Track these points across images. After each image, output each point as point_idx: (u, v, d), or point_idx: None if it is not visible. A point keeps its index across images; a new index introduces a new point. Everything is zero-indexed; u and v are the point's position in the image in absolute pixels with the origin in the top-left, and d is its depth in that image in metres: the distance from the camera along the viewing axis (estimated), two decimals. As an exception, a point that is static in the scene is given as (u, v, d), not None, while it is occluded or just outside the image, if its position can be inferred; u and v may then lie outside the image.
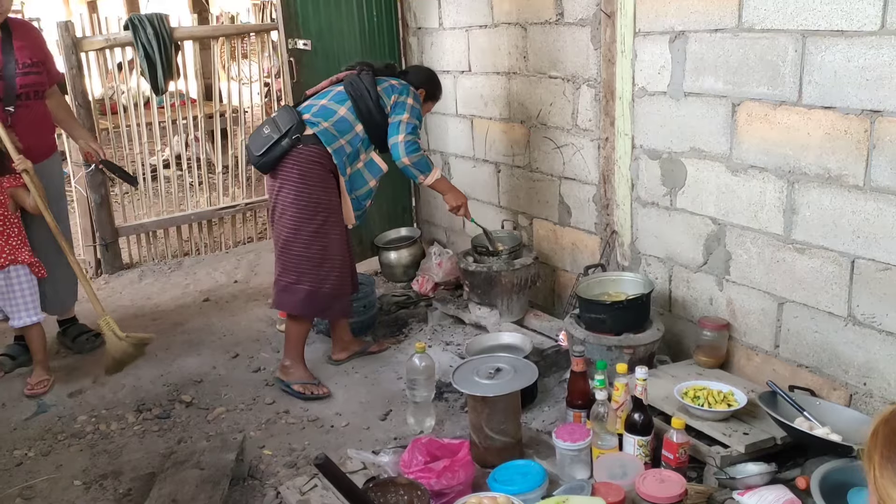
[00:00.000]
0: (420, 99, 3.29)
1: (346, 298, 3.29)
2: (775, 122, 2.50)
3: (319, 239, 3.10)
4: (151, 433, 2.97)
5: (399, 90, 3.20)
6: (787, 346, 2.63)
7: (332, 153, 3.08)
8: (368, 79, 3.18)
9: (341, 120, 3.11)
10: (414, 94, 3.24)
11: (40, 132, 3.33)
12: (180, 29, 4.75)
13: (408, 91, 3.22)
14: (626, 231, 3.19)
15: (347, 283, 3.27)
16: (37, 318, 3.27)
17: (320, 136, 3.06)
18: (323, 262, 3.13)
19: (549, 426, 2.78)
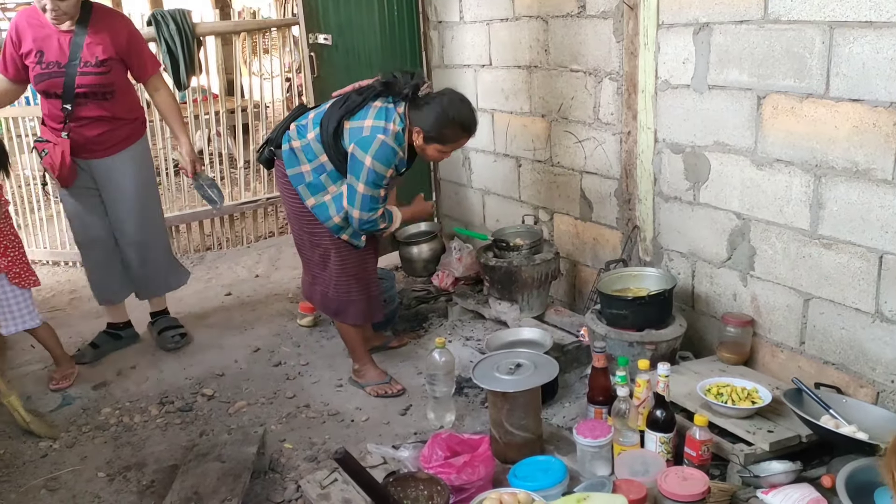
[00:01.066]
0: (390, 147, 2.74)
1: (358, 305, 3.08)
2: (802, 115, 2.46)
3: (317, 247, 3.02)
4: (174, 426, 3.00)
5: (361, 141, 2.73)
6: (813, 342, 2.59)
7: (290, 177, 2.89)
8: (348, 104, 2.80)
9: (307, 145, 2.86)
10: (381, 149, 2.72)
11: (106, 128, 3.24)
12: (202, 24, 4.77)
13: (369, 144, 2.71)
14: (649, 226, 3.15)
15: (356, 291, 3.06)
16: (26, 326, 3.18)
17: (284, 155, 2.90)
18: (324, 266, 3.06)
19: (570, 422, 2.76)
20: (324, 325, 3.83)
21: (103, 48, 3.10)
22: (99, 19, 3.12)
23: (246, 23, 5.14)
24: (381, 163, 2.74)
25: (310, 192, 2.89)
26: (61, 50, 3.07)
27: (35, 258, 4.79)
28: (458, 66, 4.17)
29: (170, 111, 3.46)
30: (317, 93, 4.02)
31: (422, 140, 2.81)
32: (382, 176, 2.77)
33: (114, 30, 3.16)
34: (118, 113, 3.25)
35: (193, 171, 3.52)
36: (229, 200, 5.28)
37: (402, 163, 2.85)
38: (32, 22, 3.09)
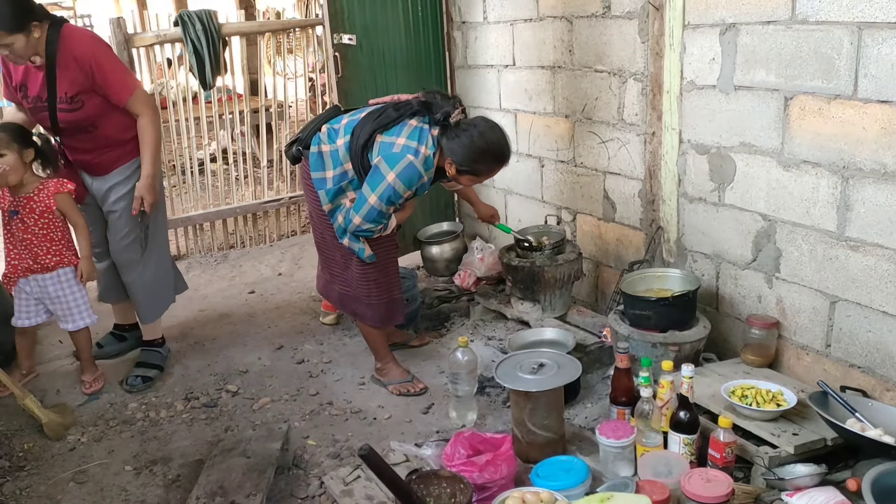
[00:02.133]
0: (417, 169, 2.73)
1: (382, 307, 3.09)
2: (829, 117, 2.44)
3: (340, 248, 3.01)
4: (199, 421, 3.03)
5: (390, 156, 2.72)
6: (839, 345, 2.57)
7: (314, 181, 2.92)
8: (382, 118, 2.80)
9: (335, 151, 2.87)
10: (408, 170, 2.70)
11: (95, 154, 3.13)
12: (228, 25, 4.82)
13: (397, 161, 2.70)
14: (673, 227, 3.14)
15: (376, 294, 3.06)
16: (90, 321, 3.23)
17: (310, 160, 2.93)
18: (346, 267, 3.06)
19: (592, 423, 2.76)
20: (346, 322, 3.86)
21: (70, 82, 2.93)
22: (65, 51, 2.90)
23: (271, 23, 5.18)
24: (404, 182, 2.72)
25: (328, 198, 2.90)
26: (39, 85, 2.96)
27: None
28: (482, 66, 4.18)
29: (146, 139, 3.11)
30: (341, 93, 4.05)
31: (454, 171, 2.79)
32: (399, 195, 2.75)
33: (78, 61, 2.92)
34: (106, 139, 3.10)
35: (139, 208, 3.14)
36: (252, 199, 5.33)
37: (424, 186, 2.84)
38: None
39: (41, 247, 3.07)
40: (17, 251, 3.09)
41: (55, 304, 3.16)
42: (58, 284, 3.13)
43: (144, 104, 3.10)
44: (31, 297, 3.16)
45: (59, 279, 3.13)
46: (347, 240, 2.94)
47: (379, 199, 2.74)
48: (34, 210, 3.03)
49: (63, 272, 3.13)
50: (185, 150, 5.03)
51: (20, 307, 3.17)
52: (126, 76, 3.09)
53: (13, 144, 2.96)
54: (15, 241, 3.09)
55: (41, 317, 3.21)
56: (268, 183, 5.41)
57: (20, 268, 3.10)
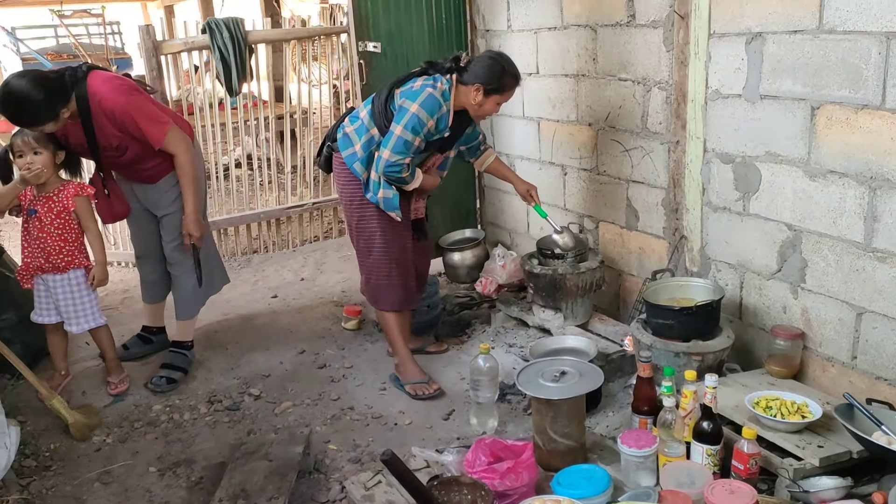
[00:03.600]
0: (437, 99, 2.92)
1: (397, 291, 3.23)
2: (857, 127, 2.42)
3: (360, 234, 3.21)
4: (222, 424, 3.06)
5: (410, 93, 2.93)
6: (866, 357, 2.54)
7: (345, 159, 3.10)
8: (398, 79, 3.06)
9: (360, 126, 3.07)
10: (429, 99, 2.90)
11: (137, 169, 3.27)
12: (254, 32, 4.87)
13: (418, 95, 2.91)
14: (696, 236, 3.13)
15: (396, 276, 3.21)
16: (96, 324, 3.26)
17: (339, 142, 3.13)
18: (369, 254, 3.23)
19: (614, 431, 2.75)
20: (368, 328, 3.88)
21: (108, 136, 3.08)
22: (97, 109, 3.01)
23: (296, 31, 5.24)
24: (426, 110, 2.89)
25: (364, 167, 3.07)
26: (81, 136, 3.08)
27: (89, 258, 4.94)
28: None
29: (183, 177, 3.22)
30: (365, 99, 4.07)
31: (482, 95, 2.95)
32: (423, 123, 2.90)
33: (110, 118, 3.02)
34: (154, 166, 3.25)
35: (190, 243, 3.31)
36: (276, 204, 5.38)
37: (444, 121, 2.97)
38: None
39: (55, 247, 3.10)
40: (31, 249, 3.12)
41: (62, 305, 3.19)
42: (67, 286, 3.16)
43: (178, 143, 3.16)
44: (47, 295, 3.19)
45: (68, 281, 3.16)
46: (382, 191, 3.03)
47: (404, 129, 2.90)
48: (52, 210, 3.07)
49: (74, 274, 3.16)
50: (211, 156, 5.09)
51: (39, 304, 3.21)
52: (157, 122, 3.11)
53: (49, 145, 3.03)
54: (30, 240, 3.12)
55: (55, 316, 3.22)
56: (291, 188, 5.46)
57: (32, 266, 3.13)
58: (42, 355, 3.51)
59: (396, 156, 2.92)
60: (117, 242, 5.13)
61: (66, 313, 3.20)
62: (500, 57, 3.02)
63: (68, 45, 10.38)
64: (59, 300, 3.18)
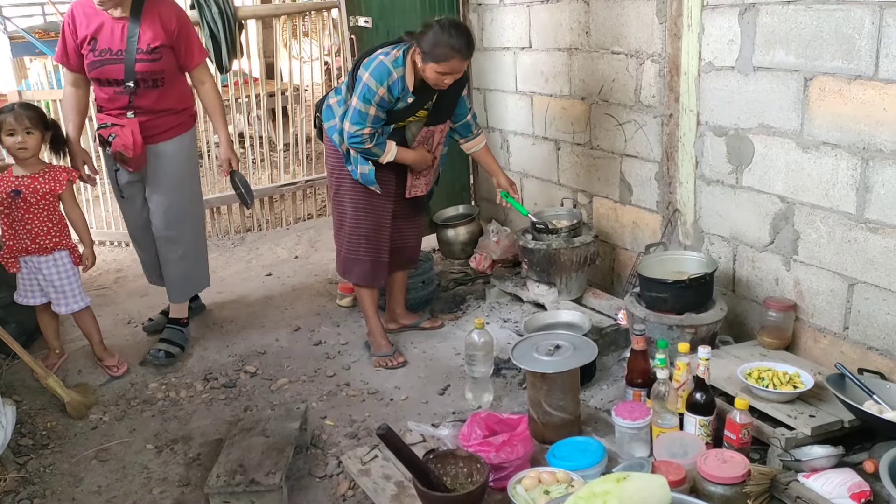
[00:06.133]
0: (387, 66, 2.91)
1: (365, 265, 3.28)
2: (849, 97, 2.42)
3: (336, 206, 3.30)
4: (218, 401, 3.08)
5: (367, 63, 2.95)
6: (857, 328, 2.56)
7: (327, 130, 3.18)
8: (368, 49, 3.08)
9: (342, 98, 3.11)
10: (378, 67, 2.90)
11: (154, 116, 3.21)
12: (244, 8, 4.83)
13: (371, 63, 2.93)
14: (689, 209, 3.13)
15: (364, 251, 3.25)
16: (82, 304, 3.23)
17: (323, 113, 3.22)
18: (340, 227, 3.31)
19: (608, 404, 2.77)
20: (363, 305, 3.88)
21: (154, 35, 3.08)
22: (150, 6, 3.10)
23: (287, 6, 5.19)
24: (375, 78, 2.90)
25: (342, 138, 3.08)
26: (115, 37, 3.07)
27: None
28: (498, 48, 4.17)
29: (213, 105, 3.39)
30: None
31: (420, 60, 2.90)
32: (374, 92, 2.90)
33: (165, 17, 3.12)
34: (167, 101, 3.22)
35: (229, 169, 3.46)
36: (268, 183, 5.36)
37: (397, 88, 2.93)
38: (87, 10, 3.09)
39: (42, 227, 3.06)
40: (14, 231, 3.07)
41: (48, 286, 3.16)
42: (53, 267, 3.13)
43: (208, 73, 3.39)
44: (31, 277, 3.16)
45: (54, 262, 3.13)
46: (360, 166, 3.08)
47: (358, 100, 2.93)
48: (37, 191, 3.03)
49: (59, 255, 3.13)
50: (203, 134, 5.05)
51: (23, 286, 3.18)
52: (200, 44, 3.34)
53: (41, 125, 3.00)
54: (14, 222, 3.06)
55: (40, 297, 3.20)
56: (284, 166, 5.43)
57: (17, 248, 3.09)
58: (37, 335, 3.50)
59: (354, 126, 2.96)
60: (110, 222, 5.11)
61: (55, 295, 3.18)
62: (448, 25, 2.88)
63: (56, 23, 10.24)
64: (44, 281, 3.15)
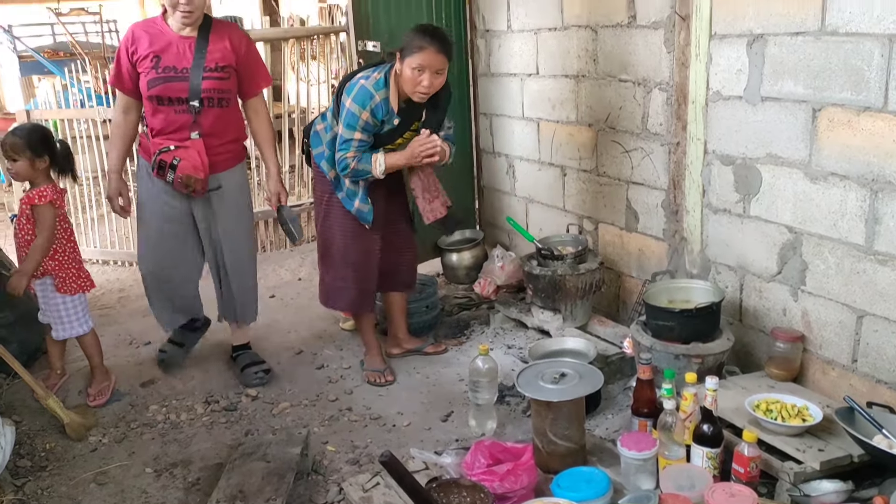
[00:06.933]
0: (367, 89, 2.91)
1: (351, 293, 3.26)
2: (858, 129, 2.41)
3: (323, 233, 3.28)
4: (219, 424, 3.05)
5: (349, 89, 2.95)
6: (866, 360, 2.53)
7: (315, 156, 3.18)
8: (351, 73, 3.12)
9: (328, 125, 3.11)
10: (359, 91, 2.90)
11: (219, 140, 3.13)
12: (253, 31, 4.86)
13: (352, 88, 2.94)
14: (696, 238, 3.12)
15: (352, 279, 3.24)
16: (75, 333, 3.18)
17: (311, 139, 3.22)
18: (326, 253, 3.30)
19: (614, 434, 2.74)
20: (366, 329, 3.86)
21: (223, 55, 3.05)
22: (219, 28, 3.09)
23: (295, 30, 5.23)
24: (357, 103, 2.90)
25: (330, 165, 3.10)
26: (181, 55, 3.01)
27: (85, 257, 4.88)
28: (505, 74, 4.18)
29: (267, 136, 3.34)
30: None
31: (398, 63, 2.90)
32: (357, 117, 2.91)
33: (235, 39, 3.10)
34: (229, 126, 3.17)
35: (278, 203, 3.34)
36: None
37: (381, 110, 2.93)
38: (151, 30, 3.05)
39: (25, 250, 3.07)
40: (18, 254, 3.13)
41: (44, 310, 3.17)
42: (42, 293, 3.13)
43: (265, 103, 3.34)
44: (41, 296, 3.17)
45: (42, 288, 3.12)
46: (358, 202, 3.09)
47: (343, 127, 2.94)
48: (23, 213, 3.05)
49: (43, 281, 3.10)
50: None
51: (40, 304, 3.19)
52: (266, 70, 3.31)
53: (27, 151, 2.99)
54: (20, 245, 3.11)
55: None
56: (289, 188, 5.43)
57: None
58: (38, 354, 3.49)
59: (340, 153, 2.96)
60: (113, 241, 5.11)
61: (51, 319, 3.18)
62: (420, 26, 2.97)
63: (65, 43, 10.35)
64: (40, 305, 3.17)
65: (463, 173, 4.55)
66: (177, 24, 3.01)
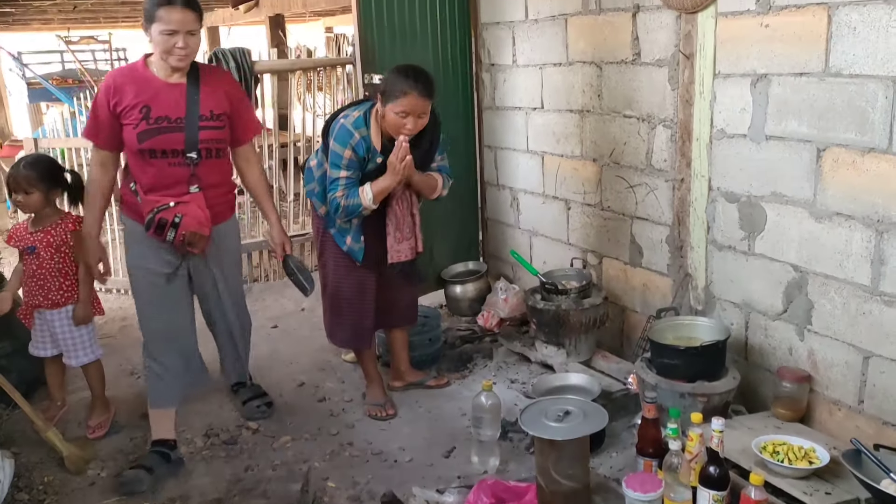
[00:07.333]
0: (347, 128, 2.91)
1: (346, 329, 3.27)
2: (863, 170, 2.42)
3: (321, 268, 3.30)
4: (219, 458, 3.02)
5: (332, 128, 2.98)
6: (873, 402, 2.51)
7: (307, 193, 3.21)
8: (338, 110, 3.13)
9: (318, 160, 3.13)
10: (339, 131, 2.91)
11: (216, 192, 2.91)
12: (261, 63, 4.90)
13: (335, 128, 2.95)
14: (701, 274, 3.11)
15: (347, 314, 3.24)
16: (94, 357, 3.23)
17: (305, 176, 3.24)
18: (322, 290, 3.31)
19: (618, 473, 2.71)
20: (368, 361, 3.84)
21: (217, 102, 2.82)
22: (208, 74, 2.88)
23: (302, 62, 5.27)
24: (339, 142, 2.92)
25: (321, 202, 3.12)
26: (174, 103, 2.74)
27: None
28: (510, 108, 4.21)
29: (262, 185, 3.16)
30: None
31: (381, 105, 2.89)
32: (340, 156, 2.92)
33: (227, 84, 2.93)
34: (225, 176, 2.99)
35: (283, 254, 3.15)
36: (278, 233, 5.35)
37: (362, 148, 2.92)
38: (134, 76, 2.77)
39: (54, 282, 3.08)
40: (29, 288, 3.12)
41: (61, 338, 3.17)
42: (64, 320, 3.14)
43: (255, 151, 3.19)
44: (44, 329, 3.18)
45: (66, 315, 3.13)
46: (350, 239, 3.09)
47: (329, 167, 2.97)
48: (51, 244, 3.06)
49: (68, 309, 3.13)
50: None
51: (35, 337, 3.21)
52: (256, 117, 3.17)
53: (41, 183, 3.01)
54: (28, 278, 3.11)
55: (52, 350, 3.21)
56: (293, 217, 5.45)
57: (30, 304, 3.14)
58: (38, 385, 3.47)
59: (330, 193, 2.97)
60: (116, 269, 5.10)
61: (66, 347, 3.18)
62: (403, 67, 2.91)
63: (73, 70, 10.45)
64: (56, 334, 3.16)
65: (467, 205, 4.56)
66: (165, 71, 2.76)
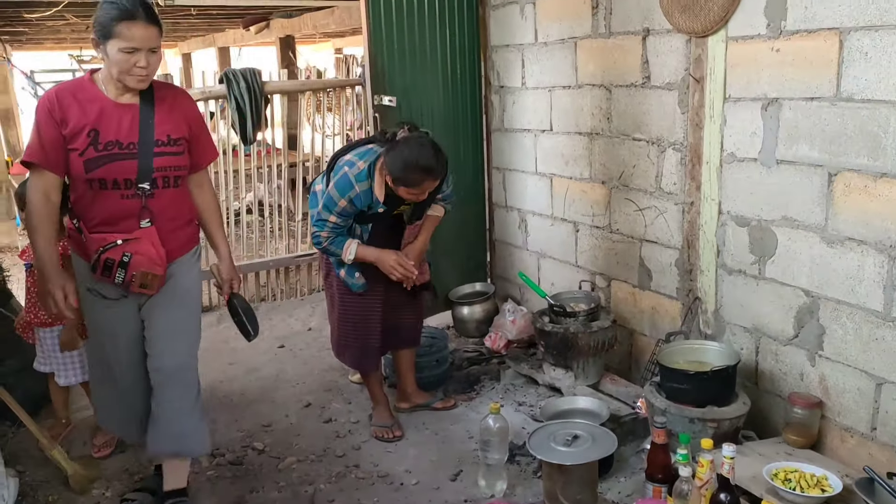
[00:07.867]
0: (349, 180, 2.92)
1: (353, 351, 3.28)
2: (876, 195, 2.40)
3: (327, 289, 3.34)
4: (224, 479, 2.99)
5: (336, 169, 3.01)
6: (886, 429, 2.48)
7: (310, 217, 3.21)
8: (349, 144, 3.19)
9: (323, 186, 3.12)
10: (341, 179, 2.92)
11: (172, 225, 2.55)
12: (271, 83, 4.93)
13: (338, 172, 2.97)
14: (711, 298, 3.09)
15: (353, 337, 3.25)
16: (83, 378, 3.19)
17: (310, 200, 3.25)
18: (331, 309, 3.35)
19: (626, 498, 2.68)
20: (375, 382, 3.82)
21: (175, 125, 2.49)
22: (164, 94, 2.52)
23: (312, 83, 5.30)
24: (337, 190, 2.96)
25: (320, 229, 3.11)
26: (123, 127, 2.41)
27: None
28: (519, 130, 4.22)
29: (215, 212, 2.75)
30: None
31: (391, 182, 2.93)
32: (335, 203, 2.96)
33: (186, 105, 2.58)
34: (182, 207, 2.61)
35: (229, 291, 2.76)
36: (285, 253, 5.37)
37: (360, 200, 2.97)
38: (79, 95, 2.40)
39: None
40: (29, 303, 3.13)
41: (51, 357, 3.18)
42: (54, 340, 3.13)
43: (209, 176, 2.79)
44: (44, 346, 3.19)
45: (57, 335, 3.11)
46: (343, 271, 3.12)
47: (321, 207, 3.01)
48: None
49: (56, 329, 3.12)
50: (223, 202, 5.10)
51: (39, 352, 3.22)
52: (212, 140, 2.80)
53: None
54: (28, 293, 3.13)
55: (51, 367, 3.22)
56: (301, 236, 5.46)
57: (28, 320, 3.16)
58: (43, 403, 3.46)
59: (314, 228, 3.04)
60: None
61: (55, 366, 3.19)
62: (412, 151, 2.85)
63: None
64: (48, 352, 3.17)
65: (475, 226, 4.56)
66: (117, 89, 2.41)
